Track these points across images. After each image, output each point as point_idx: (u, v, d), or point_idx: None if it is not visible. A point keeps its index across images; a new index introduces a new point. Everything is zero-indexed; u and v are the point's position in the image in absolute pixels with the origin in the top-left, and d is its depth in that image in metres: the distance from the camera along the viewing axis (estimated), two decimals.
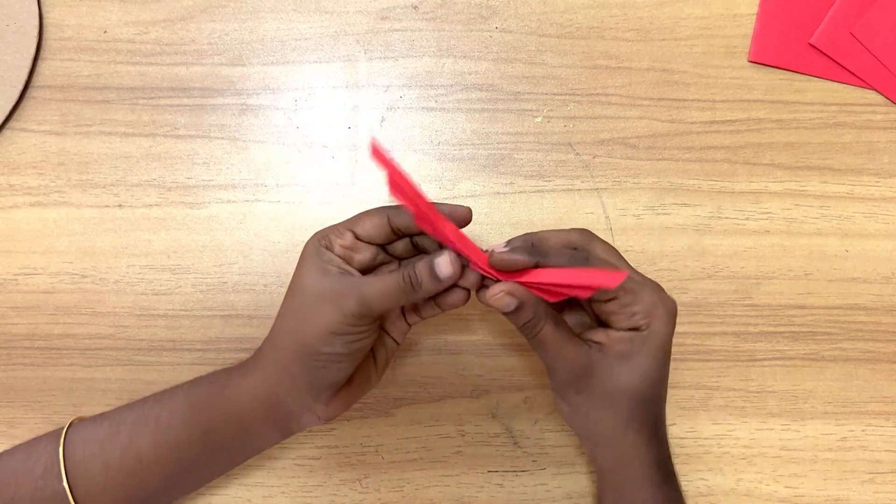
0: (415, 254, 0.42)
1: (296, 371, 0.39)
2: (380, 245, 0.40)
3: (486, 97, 0.51)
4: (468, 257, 0.37)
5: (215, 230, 0.50)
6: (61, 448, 0.39)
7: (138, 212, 0.50)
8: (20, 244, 0.50)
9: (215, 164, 0.51)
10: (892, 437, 0.49)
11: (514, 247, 0.37)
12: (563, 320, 0.40)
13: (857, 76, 0.51)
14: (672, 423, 0.49)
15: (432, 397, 0.49)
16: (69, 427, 0.41)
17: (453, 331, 0.50)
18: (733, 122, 0.51)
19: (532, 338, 0.38)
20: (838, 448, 0.49)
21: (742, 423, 0.49)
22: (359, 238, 0.39)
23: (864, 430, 0.49)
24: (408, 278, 0.37)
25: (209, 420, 0.40)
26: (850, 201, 0.51)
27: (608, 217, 0.51)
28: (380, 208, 0.40)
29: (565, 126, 0.51)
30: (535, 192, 0.51)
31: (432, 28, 0.52)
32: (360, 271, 0.40)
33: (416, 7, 0.52)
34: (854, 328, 0.50)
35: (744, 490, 0.49)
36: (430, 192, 0.51)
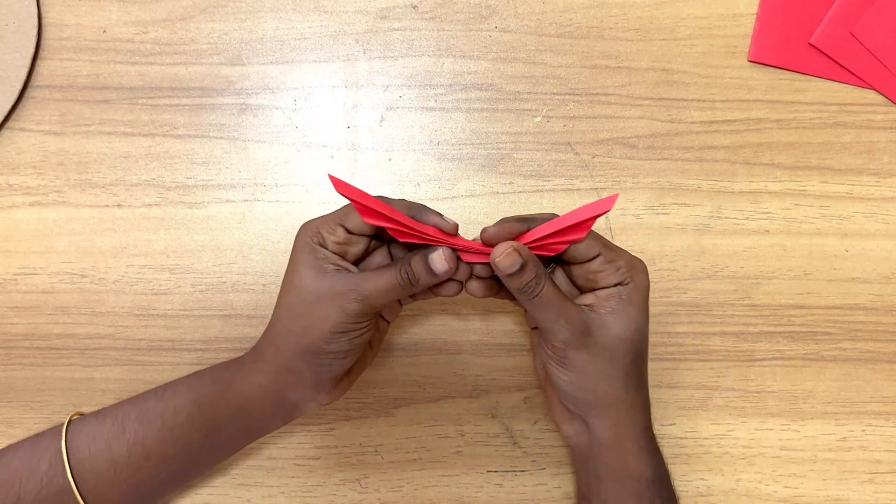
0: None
1: (300, 370, 0.39)
2: (368, 235, 0.40)
3: (486, 97, 0.51)
4: (460, 248, 0.38)
5: (214, 230, 0.50)
6: (63, 444, 0.40)
7: (137, 211, 0.50)
8: (19, 244, 0.50)
9: (214, 163, 0.51)
10: (891, 437, 0.49)
11: (502, 220, 0.39)
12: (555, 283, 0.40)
13: (856, 76, 0.51)
14: (672, 423, 0.49)
15: (432, 397, 0.49)
16: (70, 423, 0.41)
17: (453, 331, 0.50)
18: (733, 122, 0.51)
19: (533, 299, 0.38)
20: (838, 448, 0.49)
21: (742, 423, 0.49)
22: (350, 232, 0.39)
23: (863, 430, 0.49)
24: (405, 274, 0.37)
25: (216, 418, 0.41)
26: (850, 201, 0.51)
27: (608, 217, 0.51)
28: None
29: (565, 126, 0.51)
30: (534, 191, 0.51)
31: (432, 28, 0.52)
32: (355, 261, 0.40)
33: (415, 7, 0.52)
34: (854, 328, 0.50)
35: (743, 490, 0.49)
36: (430, 192, 0.51)
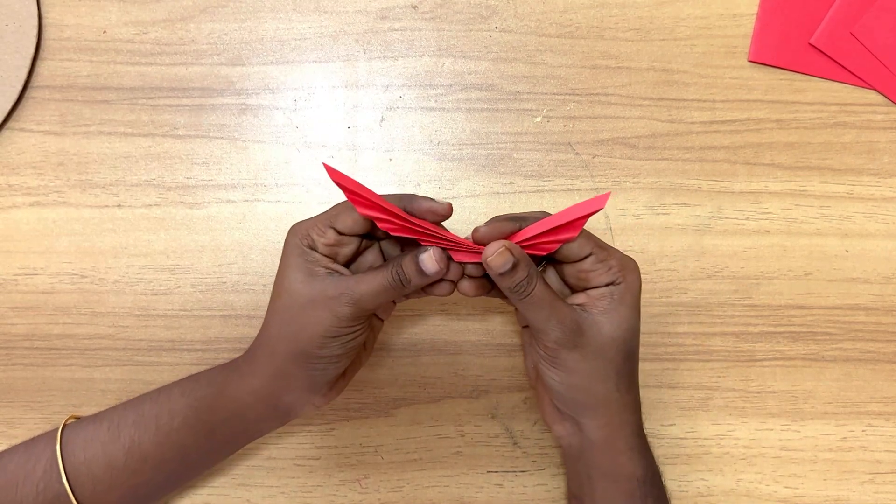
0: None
1: (294, 374, 0.39)
2: (359, 235, 0.40)
3: (486, 97, 0.51)
4: (452, 246, 0.38)
5: (214, 230, 0.50)
6: (58, 449, 0.40)
7: (137, 212, 0.50)
8: (20, 244, 0.50)
9: (214, 163, 0.51)
10: (892, 438, 0.49)
11: (494, 219, 0.38)
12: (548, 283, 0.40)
13: (857, 76, 0.51)
14: (672, 424, 0.49)
15: (432, 398, 0.49)
16: (65, 427, 0.41)
17: (453, 331, 0.50)
18: (733, 122, 0.51)
19: (525, 298, 0.38)
20: (838, 448, 0.49)
21: (742, 424, 0.49)
22: (340, 233, 0.39)
23: (864, 431, 0.49)
24: (396, 276, 0.37)
25: (211, 422, 0.41)
26: (850, 201, 0.51)
27: (608, 217, 0.51)
28: None
29: (565, 126, 0.51)
30: (534, 191, 0.51)
31: (432, 28, 0.52)
32: (346, 261, 0.40)
33: (415, 7, 0.52)
34: (854, 328, 0.50)
35: (744, 490, 0.49)
36: (430, 192, 0.51)
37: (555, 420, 0.43)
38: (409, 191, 0.50)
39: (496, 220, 0.38)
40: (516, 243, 0.37)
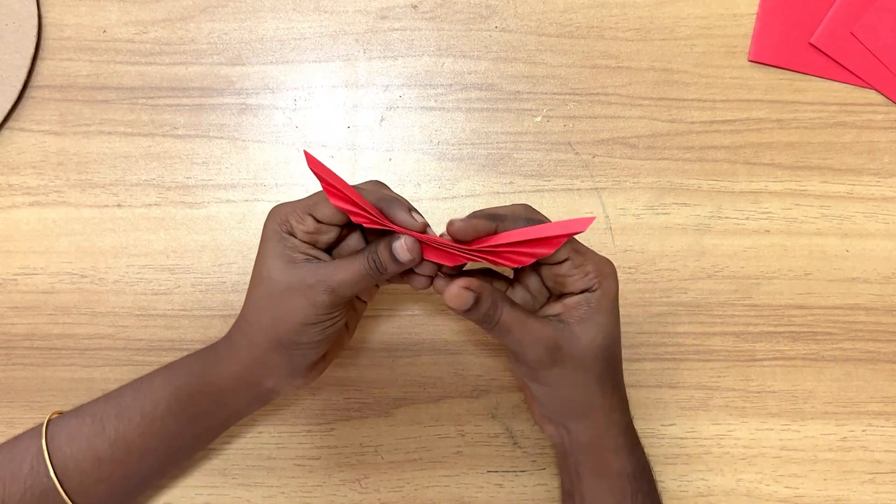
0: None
1: (274, 360, 0.39)
2: (338, 225, 0.40)
3: (486, 97, 0.51)
4: (426, 242, 0.37)
5: (214, 230, 0.50)
6: (44, 445, 0.40)
7: (137, 211, 0.50)
8: (19, 244, 0.50)
9: (214, 163, 0.51)
10: (892, 438, 0.49)
11: (471, 215, 0.37)
12: (515, 302, 0.39)
13: (857, 76, 0.51)
14: (672, 424, 0.49)
15: (432, 397, 0.49)
16: (49, 423, 0.41)
17: (453, 331, 0.50)
18: (733, 122, 0.51)
19: (494, 326, 0.37)
20: (838, 448, 0.49)
21: (742, 424, 0.49)
22: (319, 222, 0.39)
23: (864, 431, 0.49)
24: (372, 263, 0.37)
25: (193, 409, 0.41)
26: (851, 201, 0.51)
27: (608, 216, 0.51)
28: None
29: (565, 126, 0.51)
30: (534, 191, 0.51)
31: (432, 27, 0.52)
32: (328, 247, 0.40)
33: (415, 6, 0.52)
34: (854, 328, 0.50)
35: (744, 490, 0.49)
36: (430, 192, 0.51)
37: (543, 422, 0.43)
38: (408, 191, 0.50)
39: (474, 216, 0.37)
40: (489, 246, 0.36)
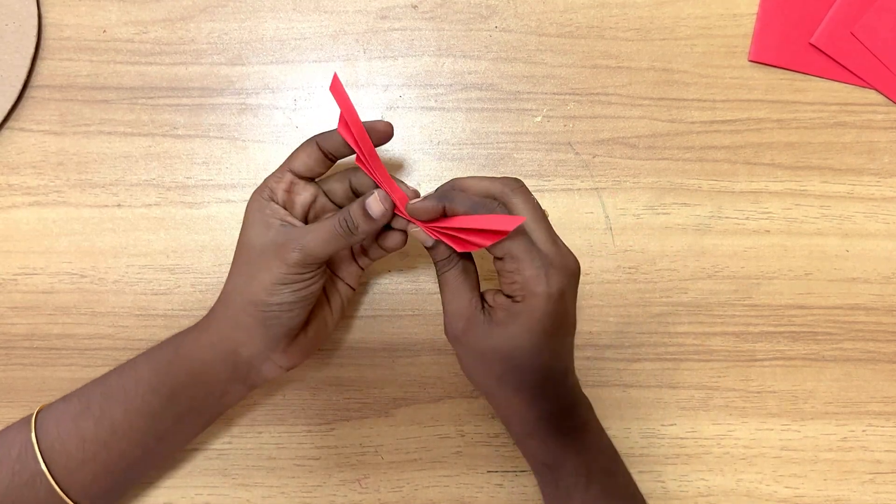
0: (352, 196, 0.43)
1: (249, 324, 0.40)
2: (317, 177, 0.42)
3: (486, 97, 0.51)
4: (396, 202, 0.40)
5: (214, 230, 0.50)
6: (33, 431, 0.40)
7: (137, 211, 0.50)
8: (19, 244, 0.50)
9: (214, 163, 0.51)
10: (892, 438, 0.49)
11: (428, 195, 0.40)
12: (475, 272, 0.41)
13: (857, 76, 0.51)
14: (672, 424, 0.49)
15: (432, 397, 0.49)
16: (39, 412, 0.41)
17: None
18: (733, 122, 0.51)
19: (439, 275, 0.40)
20: (839, 448, 0.49)
21: (742, 424, 0.49)
22: (297, 174, 0.41)
23: (864, 431, 0.49)
24: (343, 222, 0.38)
25: (173, 383, 0.41)
26: (851, 201, 0.51)
27: (608, 217, 0.51)
28: (308, 140, 0.41)
29: (565, 126, 0.51)
30: (534, 191, 0.50)
31: (432, 27, 0.52)
32: (302, 216, 0.42)
33: (415, 6, 0.52)
34: (854, 328, 0.50)
35: (744, 490, 0.49)
36: (430, 192, 0.51)
37: None
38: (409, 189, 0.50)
39: (425, 198, 0.39)
40: (438, 227, 0.38)
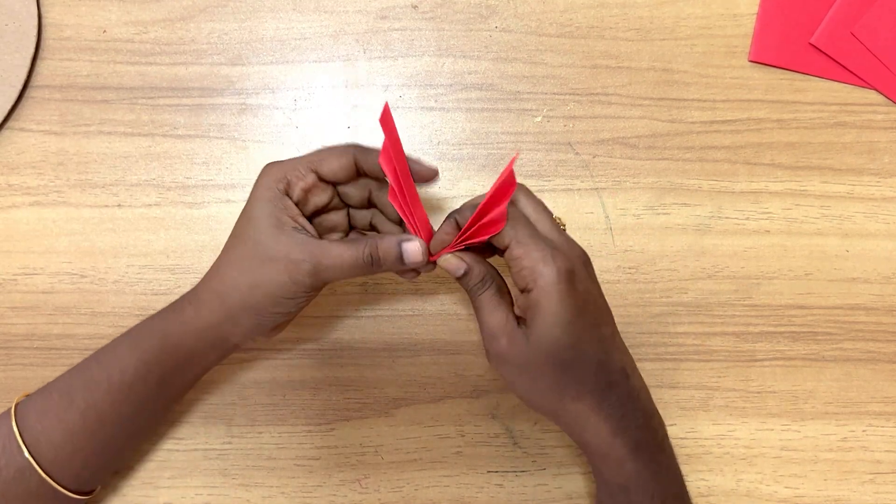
0: (366, 205, 0.42)
1: (244, 322, 0.39)
2: (340, 184, 0.40)
3: (486, 97, 0.51)
4: (416, 232, 0.39)
5: (214, 230, 0.50)
6: (14, 424, 0.39)
7: (137, 211, 0.50)
8: (19, 244, 0.50)
9: (214, 163, 0.51)
10: (892, 438, 0.49)
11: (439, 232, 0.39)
12: (508, 291, 0.39)
13: (857, 76, 0.51)
14: (672, 424, 0.49)
15: (432, 397, 0.49)
16: (17, 405, 0.41)
17: (453, 331, 0.50)
18: (733, 122, 0.51)
19: (475, 299, 0.38)
20: (839, 448, 0.49)
21: (742, 424, 0.49)
22: (321, 177, 0.39)
23: (864, 431, 0.49)
24: (369, 257, 0.37)
25: (161, 371, 0.41)
26: (851, 201, 0.51)
27: (608, 217, 0.50)
28: (345, 147, 0.40)
29: (565, 126, 0.51)
30: (534, 191, 0.50)
31: (432, 27, 0.52)
32: (311, 215, 0.40)
33: (415, 6, 0.52)
34: (854, 328, 0.50)
35: (744, 490, 0.49)
36: (430, 192, 0.51)
37: None
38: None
39: (440, 230, 0.38)
40: (461, 240, 0.37)
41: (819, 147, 0.51)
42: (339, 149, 0.39)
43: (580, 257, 0.38)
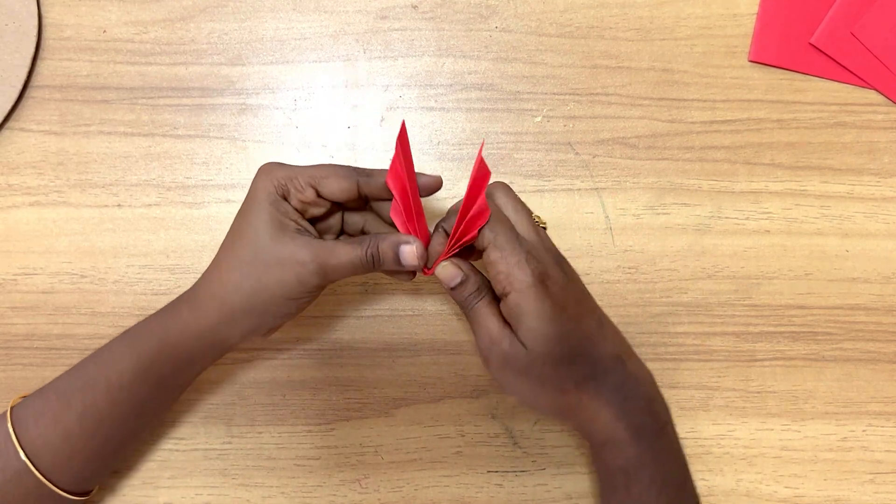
0: (363, 207, 0.43)
1: (243, 323, 0.40)
2: (337, 202, 0.41)
3: (486, 97, 0.51)
4: (418, 238, 0.39)
5: (214, 230, 0.50)
6: (10, 427, 0.39)
7: (137, 211, 0.50)
8: (19, 244, 0.50)
9: (214, 163, 0.51)
10: (892, 438, 0.49)
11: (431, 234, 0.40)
12: (496, 302, 0.39)
13: (857, 76, 0.51)
14: None
15: (432, 397, 0.49)
16: (13, 407, 0.41)
17: (453, 331, 0.50)
18: (733, 122, 0.51)
19: (469, 311, 0.39)
20: (839, 448, 0.49)
21: (742, 424, 0.49)
22: (320, 196, 0.39)
23: (864, 431, 0.49)
24: (370, 258, 0.38)
25: (159, 372, 0.41)
26: (851, 201, 0.51)
27: (608, 217, 0.51)
28: (348, 171, 0.40)
29: (565, 126, 0.51)
30: (534, 191, 0.51)
31: (432, 27, 0.52)
32: (312, 218, 0.41)
33: (415, 6, 0.52)
34: (854, 328, 0.50)
35: (744, 490, 0.49)
36: None
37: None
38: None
39: (432, 235, 0.39)
40: (453, 244, 0.38)
41: (819, 147, 0.51)
42: (341, 172, 0.39)
43: (554, 257, 0.39)
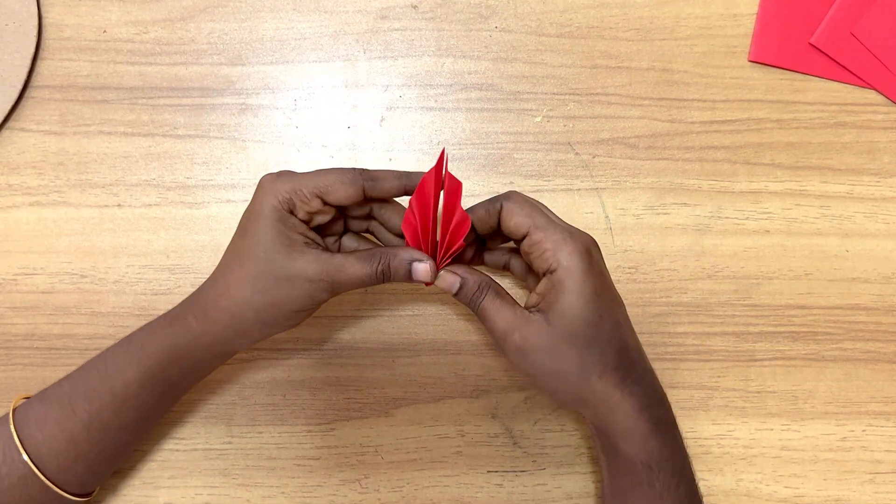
0: (367, 214, 0.43)
1: (253, 334, 0.41)
2: (344, 207, 0.41)
3: (486, 97, 0.51)
4: (420, 244, 0.40)
5: (214, 230, 0.50)
6: (13, 431, 0.39)
7: (137, 211, 0.50)
8: (19, 244, 0.50)
9: (214, 163, 0.51)
10: (892, 438, 0.49)
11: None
12: (506, 292, 0.40)
13: (857, 76, 0.51)
14: None
15: (432, 397, 0.49)
16: (15, 410, 0.41)
17: (453, 331, 0.50)
18: (733, 122, 0.51)
19: (476, 310, 0.39)
20: (838, 448, 0.49)
21: (742, 424, 0.49)
22: (326, 202, 0.39)
23: (864, 431, 0.49)
24: (381, 274, 0.39)
25: (165, 381, 0.42)
26: (851, 201, 0.51)
27: (608, 217, 0.51)
28: (353, 175, 0.39)
29: (565, 126, 0.51)
30: (534, 191, 0.51)
31: (432, 28, 0.52)
32: (317, 226, 0.41)
33: (415, 6, 0.52)
34: (854, 328, 0.50)
35: (744, 490, 0.49)
36: None
37: (558, 406, 0.44)
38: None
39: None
40: (448, 250, 0.39)
41: (819, 147, 0.51)
42: (346, 178, 0.39)
43: (591, 240, 0.40)
